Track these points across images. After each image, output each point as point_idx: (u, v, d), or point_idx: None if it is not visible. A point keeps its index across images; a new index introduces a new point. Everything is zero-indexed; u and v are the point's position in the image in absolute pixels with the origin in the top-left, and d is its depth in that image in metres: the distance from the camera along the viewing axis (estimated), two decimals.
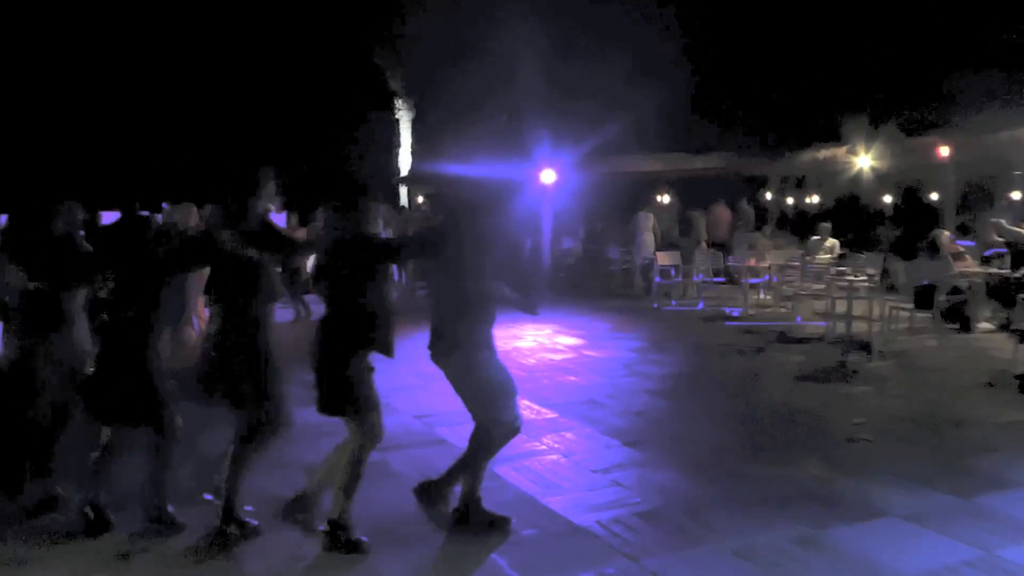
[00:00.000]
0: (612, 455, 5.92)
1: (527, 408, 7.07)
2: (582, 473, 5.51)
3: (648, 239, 15.60)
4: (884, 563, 4.13)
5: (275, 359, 4.36)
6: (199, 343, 4.67)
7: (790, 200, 22.83)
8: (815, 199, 22.26)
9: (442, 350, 4.45)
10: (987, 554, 4.21)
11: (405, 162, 23.20)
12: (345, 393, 4.22)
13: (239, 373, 4.28)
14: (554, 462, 5.75)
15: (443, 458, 5.75)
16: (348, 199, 4.38)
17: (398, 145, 23.19)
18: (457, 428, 6.42)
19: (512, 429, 4.56)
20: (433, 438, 6.31)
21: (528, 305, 4.63)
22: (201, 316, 10.72)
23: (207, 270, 4.43)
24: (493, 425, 4.46)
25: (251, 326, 4.31)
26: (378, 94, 23.35)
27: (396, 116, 23.17)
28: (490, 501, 4.73)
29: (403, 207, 19.57)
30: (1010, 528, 4.52)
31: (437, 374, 4.58)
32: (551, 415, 6.95)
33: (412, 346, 4.91)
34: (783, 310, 12.89)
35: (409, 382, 7.94)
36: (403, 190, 22.93)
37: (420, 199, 21.97)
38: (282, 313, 11.94)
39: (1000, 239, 12.13)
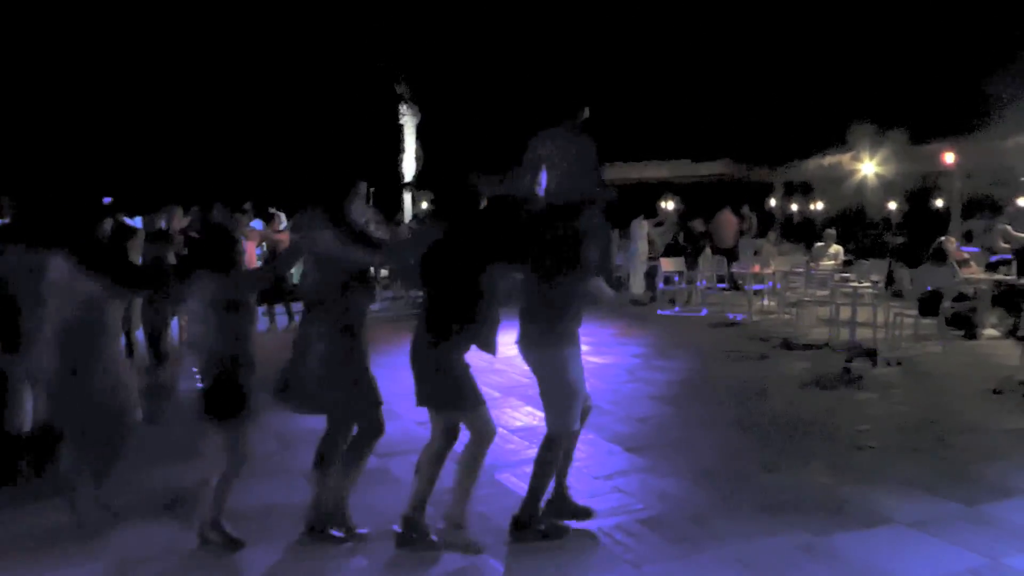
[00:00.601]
0: (615, 461, 5.89)
1: (529, 415, 7.06)
2: (584, 479, 5.48)
3: (643, 247, 15.49)
4: (888, 571, 4.10)
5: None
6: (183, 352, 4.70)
7: (795, 206, 22.82)
8: (820, 206, 22.24)
9: (539, 344, 4.47)
10: (993, 562, 4.17)
11: (409, 168, 23.21)
12: (456, 390, 4.24)
13: (352, 379, 4.28)
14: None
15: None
16: (453, 202, 4.43)
17: (403, 151, 23.21)
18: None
19: (574, 435, 4.66)
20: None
21: (616, 302, 4.75)
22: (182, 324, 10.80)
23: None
24: (563, 437, 4.53)
25: (357, 329, 4.32)
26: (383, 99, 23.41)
27: (400, 122, 23.19)
28: (492, 507, 4.71)
29: (407, 214, 19.56)
30: (1016, 536, 4.47)
31: None
32: None
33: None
34: (787, 316, 12.84)
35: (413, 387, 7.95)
36: (407, 196, 22.93)
37: (424, 205, 21.98)
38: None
39: (1007, 245, 12.09)
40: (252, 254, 11.30)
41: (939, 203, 19.69)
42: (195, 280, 4.34)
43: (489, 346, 4.39)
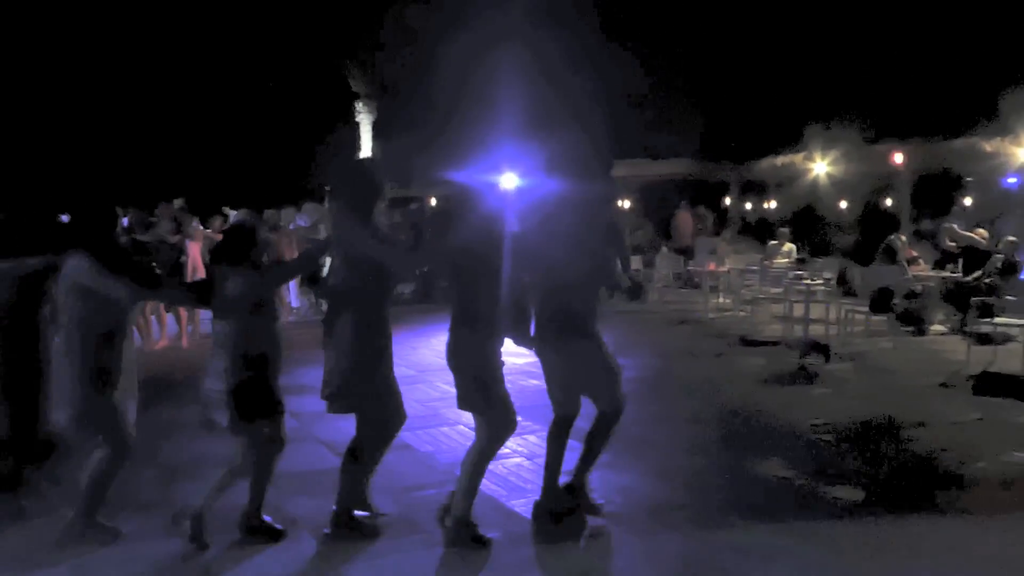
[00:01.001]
0: (575, 458, 5.90)
1: None
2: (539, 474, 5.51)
3: None
4: (842, 561, 4.19)
5: None
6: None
7: (749, 205, 23.11)
8: (774, 204, 22.56)
9: (576, 335, 4.59)
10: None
11: None
12: (480, 390, 4.30)
13: (381, 374, 4.37)
14: (518, 465, 5.76)
15: (407, 462, 5.75)
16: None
17: (358, 148, 23.07)
18: (419, 432, 6.44)
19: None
20: (398, 443, 6.27)
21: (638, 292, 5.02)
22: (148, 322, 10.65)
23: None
24: (620, 413, 4.74)
25: (384, 324, 4.40)
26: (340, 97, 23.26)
27: (357, 119, 23.04)
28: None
29: None
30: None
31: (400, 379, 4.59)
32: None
33: None
34: (743, 314, 13.02)
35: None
36: None
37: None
38: None
39: (953, 244, 12.40)
40: (196, 256, 11.09)
41: (889, 202, 20.07)
42: (219, 280, 4.34)
43: (525, 340, 4.59)
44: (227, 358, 4.25)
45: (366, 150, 23.25)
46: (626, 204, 19.21)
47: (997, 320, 9.54)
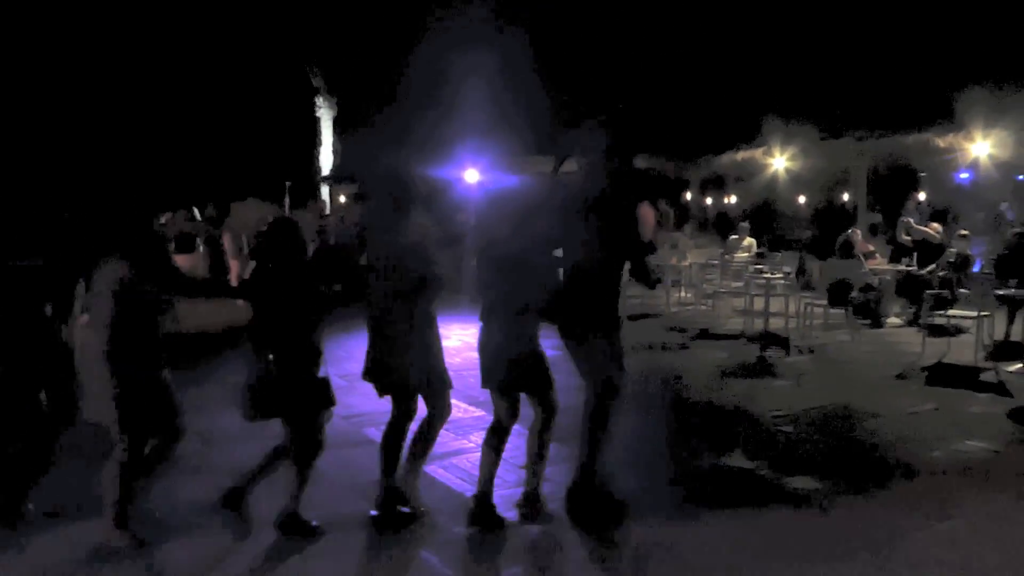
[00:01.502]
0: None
1: (455, 407, 7.06)
2: (509, 470, 5.53)
3: None
4: (798, 552, 4.27)
5: None
6: None
7: (709, 200, 23.36)
8: (734, 199, 22.82)
9: (612, 326, 4.93)
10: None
11: (326, 161, 22.92)
12: (534, 371, 4.61)
13: (432, 364, 4.61)
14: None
15: (371, 458, 5.72)
16: None
17: (319, 144, 22.91)
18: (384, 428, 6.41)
19: None
20: (361, 438, 6.28)
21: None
22: None
23: None
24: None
25: (433, 316, 4.65)
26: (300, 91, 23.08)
27: (317, 114, 22.88)
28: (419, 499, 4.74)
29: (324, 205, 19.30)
30: (915, 510, 4.71)
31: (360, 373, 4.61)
32: (479, 413, 6.97)
33: (335, 347, 4.88)
34: (704, 308, 13.16)
35: (336, 383, 7.87)
36: (325, 189, 22.65)
37: (343, 199, 21.74)
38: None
39: (908, 238, 12.63)
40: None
41: (846, 197, 20.39)
42: (262, 274, 4.39)
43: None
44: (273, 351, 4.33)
45: (327, 145, 23.10)
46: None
47: (950, 312, 9.76)
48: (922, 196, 18.16)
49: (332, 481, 5.12)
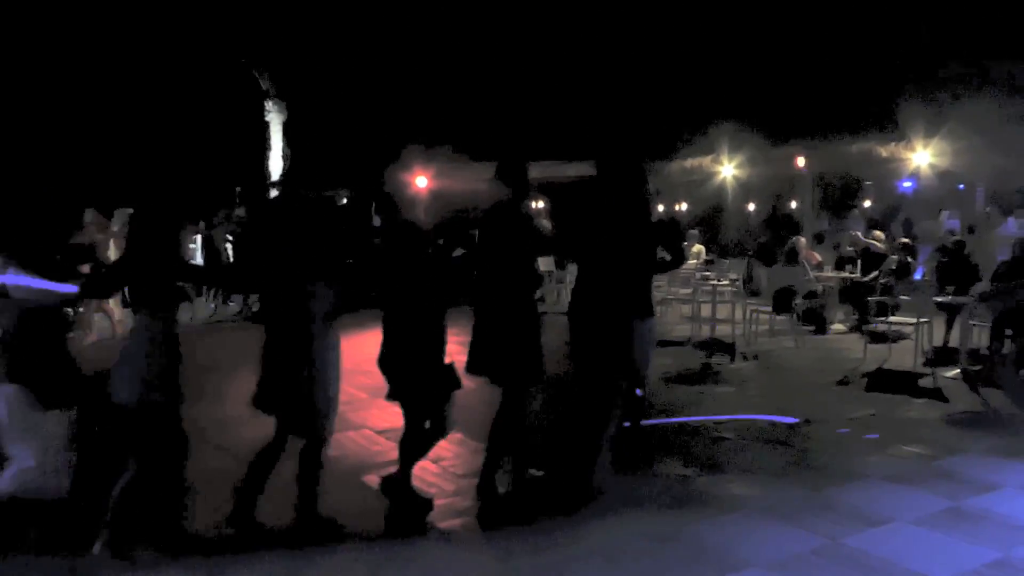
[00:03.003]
0: (480, 460, 5.91)
1: (398, 415, 7.00)
2: (450, 479, 5.50)
3: None
4: (737, 555, 4.28)
5: None
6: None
7: (660, 207, 23.51)
8: (685, 206, 23.00)
9: (644, 314, 5.14)
10: (832, 543, 4.41)
11: (276, 166, 22.64)
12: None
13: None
14: (423, 468, 5.68)
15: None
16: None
17: (269, 148, 22.61)
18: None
19: None
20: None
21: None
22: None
23: None
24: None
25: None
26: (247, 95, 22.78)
27: (267, 119, 22.58)
28: (356, 508, 4.67)
29: None
30: (854, 517, 4.75)
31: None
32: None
33: None
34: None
35: None
36: (273, 194, 22.36)
37: None
38: None
39: (851, 249, 12.83)
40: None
41: (794, 205, 20.66)
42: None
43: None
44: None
45: (276, 150, 22.83)
46: (540, 204, 19.29)
47: (892, 319, 9.92)
48: (867, 203, 18.52)
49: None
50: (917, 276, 11.97)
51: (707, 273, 13.25)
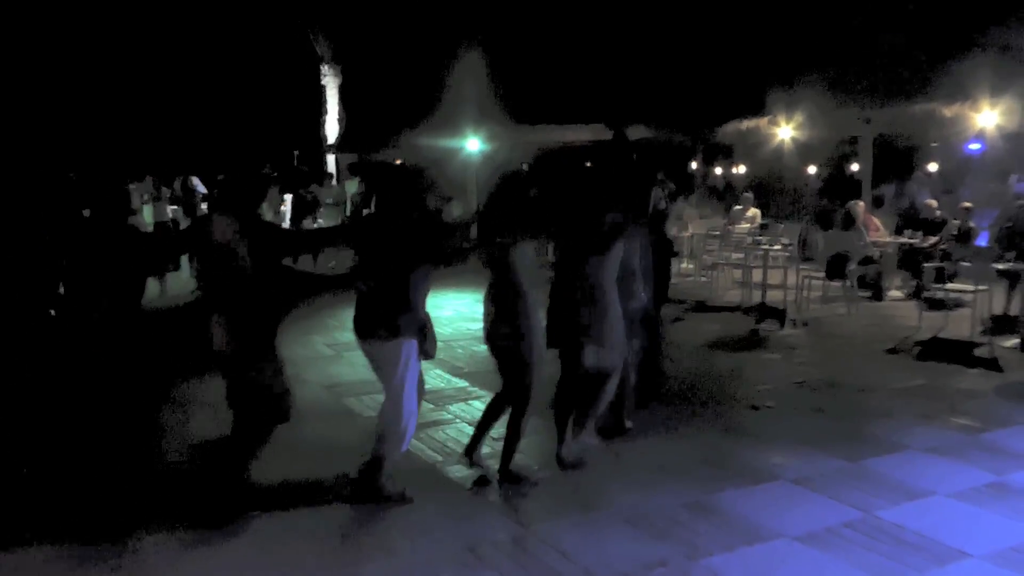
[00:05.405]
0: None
1: (438, 378, 7.07)
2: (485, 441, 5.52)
3: None
4: (768, 525, 4.23)
5: None
6: None
7: (719, 170, 23.12)
8: (742, 169, 22.56)
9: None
10: (867, 515, 4.34)
11: (332, 130, 22.80)
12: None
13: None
14: (458, 431, 5.76)
15: (349, 429, 5.73)
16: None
17: (325, 112, 22.76)
18: (364, 398, 6.41)
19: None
20: (341, 409, 6.29)
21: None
22: None
23: None
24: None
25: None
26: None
27: (323, 83, 22.71)
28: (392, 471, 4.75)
29: (330, 175, 19.18)
30: (891, 490, 4.65)
31: (350, 345, 4.62)
32: (460, 384, 6.96)
33: (328, 316, 4.85)
34: (704, 279, 13.06)
35: (321, 352, 7.91)
36: (331, 158, 22.55)
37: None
38: None
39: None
40: None
41: (855, 168, 20.08)
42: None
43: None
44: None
45: (332, 114, 22.97)
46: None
47: (949, 286, 9.63)
48: (933, 167, 17.90)
49: (309, 452, 5.13)
50: (982, 242, 11.56)
51: (758, 237, 12.98)
